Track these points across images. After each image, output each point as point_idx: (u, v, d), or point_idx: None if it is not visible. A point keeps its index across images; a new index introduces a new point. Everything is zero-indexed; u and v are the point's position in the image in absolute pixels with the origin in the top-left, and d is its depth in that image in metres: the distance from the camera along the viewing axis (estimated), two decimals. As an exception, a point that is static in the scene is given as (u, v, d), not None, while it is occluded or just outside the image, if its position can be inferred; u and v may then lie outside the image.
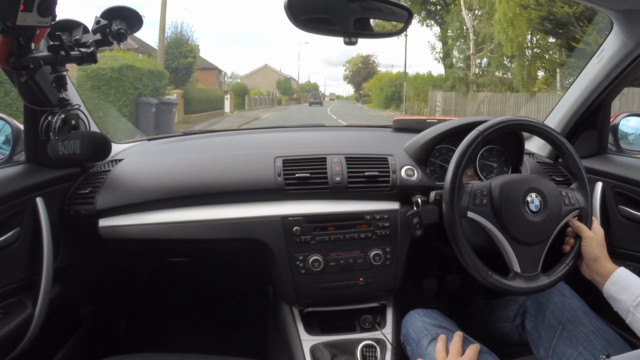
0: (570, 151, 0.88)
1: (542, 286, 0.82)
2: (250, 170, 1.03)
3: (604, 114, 1.17)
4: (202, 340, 1.48)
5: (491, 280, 0.80)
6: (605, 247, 0.83)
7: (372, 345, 0.95)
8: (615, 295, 0.76)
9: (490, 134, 0.85)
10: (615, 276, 0.77)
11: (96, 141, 0.82)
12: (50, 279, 0.90)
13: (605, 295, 0.78)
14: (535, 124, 0.89)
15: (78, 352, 1.14)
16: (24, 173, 0.93)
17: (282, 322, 1.04)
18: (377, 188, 1.02)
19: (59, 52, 0.77)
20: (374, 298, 1.05)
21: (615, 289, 0.76)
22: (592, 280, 0.82)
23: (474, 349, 0.82)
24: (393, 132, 1.38)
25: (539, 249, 0.83)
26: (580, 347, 0.80)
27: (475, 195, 0.84)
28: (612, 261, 0.81)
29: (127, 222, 0.97)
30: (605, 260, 0.80)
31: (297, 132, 1.48)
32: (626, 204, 1.05)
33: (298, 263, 0.97)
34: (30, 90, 0.88)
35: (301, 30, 0.74)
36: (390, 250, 1.00)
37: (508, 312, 0.97)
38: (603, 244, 0.83)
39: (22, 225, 0.88)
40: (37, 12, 0.66)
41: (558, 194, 0.86)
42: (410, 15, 0.81)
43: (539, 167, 1.16)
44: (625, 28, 0.95)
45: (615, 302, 0.76)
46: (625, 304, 0.74)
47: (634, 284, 0.74)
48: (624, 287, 0.75)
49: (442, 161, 1.12)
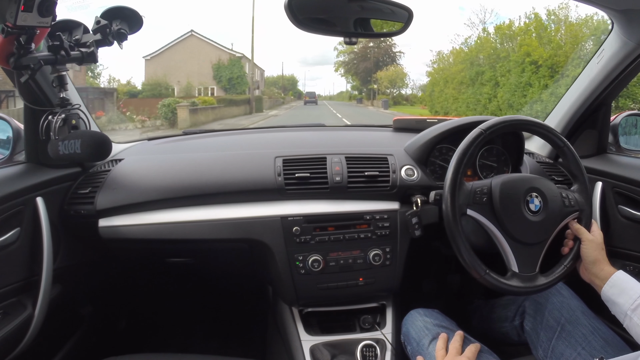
0: (571, 152, 0.88)
1: (539, 286, 0.82)
2: (250, 170, 1.03)
3: (604, 114, 1.17)
4: (202, 340, 1.48)
5: (488, 278, 0.80)
6: (604, 250, 0.82)
7: (372, 345, 0.95)
8: (613, 299, 0.76)
9: (492, 132, 0.85)
10: (614, 279, 0.77)
11: (97, 141, 0.82)
12: (50, 279, 0.90)
13: (604, 298, 0.78)
14: (537, 124, 0.89)
15: (78, 352, 1.14)
16: (24, 173, 0.93)
17: (282, 322, 1.04)
18: (377, 188, 1.02)
19: (59, 52, 0.77)
20: (374, 298, 1.05)
21: (614, 291, 0.76)
22: (590, 282, 0.82)
23: (474, 348, 0.82)
24: (393, 132, 1.38)
25: (537, 249, 0.83)
26: (579, 348, 0.80)
27: (475, 193, 0.84)
28: (612, 261, 0.81)
29: (127, 222, 0.97)
30: (604, 263, 0.80)
31: (297, 131, 1.48)
32: (626, 203, 1.05)
33: (298, 263, 0.97)
34: (31, 90, 0.88)
35: (301, 31, 0.74)
36: (390, 250, 1.00)
37: (507, 312, 0.97)
38: (602, 247, 0.83)
39: (22, 225, 0.88)
40: (37, 12, 0.66)
41: (558, 195, 0.85)
42: (410, 15, 0.81)
43: (539, 167, 1.16)
44: (625, 28, 0.95)
45: (613, 305, 0.76)
46: (622, 307, 0.74)
47: (631, 287, 0.74)
48: (622, 290, 0.75)
49: (442, 161, 1.12)
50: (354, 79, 21.74)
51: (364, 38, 0.79)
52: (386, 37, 0.95)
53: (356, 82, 21.30)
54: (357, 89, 33.54)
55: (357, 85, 21.54)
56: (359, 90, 32.66)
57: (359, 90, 32.57)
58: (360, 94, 31.96)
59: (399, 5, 0.79)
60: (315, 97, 34.15)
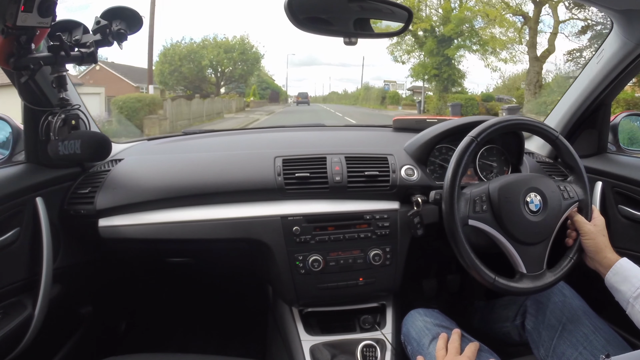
0: (564, 144, 0.89)
1: (549, 283, 0.82)
2: (250, 169, 1.02)
3: (604, 114, 1.17)
4: (202, 340, 1.48)
5: (498, 284, 0.80)
6: (606, 237, 0.83)
7: (372, 345, 0.95)
8: (616, 286, 0.76)
9: (484, 137, 0.85)
10: (617, 266, 0.77)
11: (97, 141, 0.82)
12: (50, 279, 0.90)
13: (607, 285, 0.78)
14: (527, 121, 0.90)
15: (78, 352, 1.14)
16: (24, 173, 0.93)
17: (282, 322, 1.04)
18: (377, 188, 1.02)
19: (59, 52, 0.77)
20: (374, 298, 1.05)
21: (617, 279, 0.76)
22: (596, 270, 0.82)
23: (473, 347, 0.82)
24: (393, 132, 1.38)
25: (542, 247, 0.83)
26: (581, 347, 0.80)
27: (475, 202, 0.84)
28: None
29: (127, 222, 0.97)
30: (607, 251, 0.80)
31: (297, 131, 1.48)
32: (626, 203, 1.05)
33: (298, 263, 0.97)
34: (30, 90, 0.88)
35: (301, 30, 0.74)
36: (390, 250, 1.00)
37: (508, 312, 0.97)
38: (603, 233, 0.83)
39: (22, 225, 0.88)
40: (37, 12, 0.66)
41: (557, 190, 0.86)
42: (410, 15, 0.81)
43: (539, 166, 1.16)
44: (625, 28, 0.95)
45: (616, 293, 0.77)
46: (625, 295, 0.74)
47: (634, 275, 0.75)
48: (625, 278, 0.75)
49: (442, 161, 1.12)
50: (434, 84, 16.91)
51: (363, 38, 0.79)
52: (386, 37, 0.95)
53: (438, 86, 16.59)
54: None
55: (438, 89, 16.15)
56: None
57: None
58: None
59: (398, 5, 0.79)
60: (308, 97, 31.91)
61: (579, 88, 1.16)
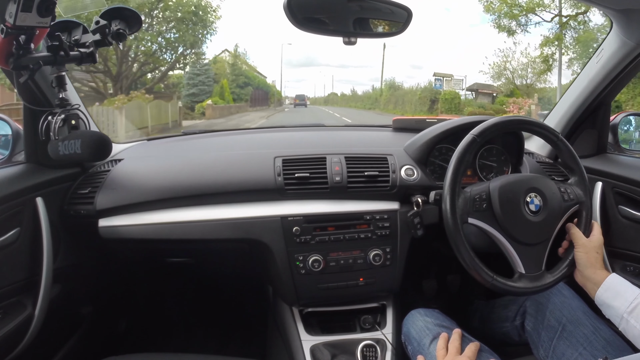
0: (566, 146, 0.89)
1: (547, 284, 0.82)
2: (250, 170, 1.02)
3: (604, 114, 1.17)
4: (202, 340, 1.48)
5: (497, 284, 0.80)
6: (600, 255, 0.82)
7: (372, 345, 0.95)
8: (608, 302, 0.75)
9: (486, 136, 0.85)
10: (608, 282, 0.76)
11: (97, 141, 0.82)
12: (50, 279, 0.90)
13: (597, 302, 0.77)
14: (529, 121, 0.90)
15: (78, 352, 1.14)
16: (24, 173, 0.93)
17: (282, 322, 1.04)
18: (377, 188, 1.02)
19: (58, 52, 0.77)
20: (374, 298, 1.05)
21: (608, 295, 0.75)
22: (582, 286, 0.81)
23: (473, 347, 0.82)
24: (393, 132, 1.38)
25: (541, 248, 0.83)
26: (580, 348, 0.80)
27: (475, 200, 0.84)
28: (612, 261, 0.81)
29: (126, 222, 0.97)
30: (598, 267, 0.80)
31: (296, 132, 1.48)
32: (626, 203, 1.05)
33: (298, 263, 0.97)
34: (30, 90, 0.88)
35: (301, 30, 0.74)
36: (390, 250, 1.00)
37: (508, 313, 0.97)
38: (597, 250, 0.82)
39: (22, 225, 0.88)
40: (37, 12, 0.66)
41: (557, 191, 0.86)
42: (409, 15, 0.81)
43: (539, 166, 1.16)
44: (625, 28, 0.95)
45: (607, 309, 0.76)
46: (618, 310, 0.73)
47: (626, 290, 0.74)
48: (617, 293, 0.74)
49: (442, 161, 1.12)
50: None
51: (363, 38, 0.79)
52: (385, 37, 0.95)
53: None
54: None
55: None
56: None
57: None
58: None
59: (398, 5, 0.79)
60: (305, 99, 29.92)
61: (578, 88, 1.16)
